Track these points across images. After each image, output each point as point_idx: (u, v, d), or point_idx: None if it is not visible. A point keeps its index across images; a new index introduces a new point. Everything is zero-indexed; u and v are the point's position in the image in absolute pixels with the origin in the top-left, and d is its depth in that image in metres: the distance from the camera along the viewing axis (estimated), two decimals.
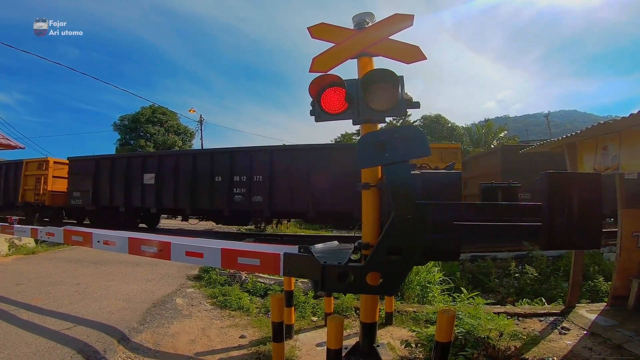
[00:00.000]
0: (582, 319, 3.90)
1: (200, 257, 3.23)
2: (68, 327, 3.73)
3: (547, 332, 3.67)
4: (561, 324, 3.84)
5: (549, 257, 8.70)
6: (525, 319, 4.07)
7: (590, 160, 3.86)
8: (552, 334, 3.61)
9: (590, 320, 3.80)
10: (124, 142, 29.73)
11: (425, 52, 2.73)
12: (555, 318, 4.02)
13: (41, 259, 8.08)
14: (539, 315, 4.11)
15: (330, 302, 3.98)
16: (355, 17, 3.04)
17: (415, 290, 5.20)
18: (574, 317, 3.98)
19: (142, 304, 4.60)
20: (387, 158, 2.32)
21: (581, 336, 3.53)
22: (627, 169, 3.32)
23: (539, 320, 3.99)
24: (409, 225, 2.29)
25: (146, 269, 6.75)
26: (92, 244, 4.14)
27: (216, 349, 3.40)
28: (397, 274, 2.40)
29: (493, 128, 29.13)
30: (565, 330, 3.67)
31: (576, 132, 3.77)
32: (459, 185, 2.60)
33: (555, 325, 3.82)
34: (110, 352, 3.22)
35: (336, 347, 2.23)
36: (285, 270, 2.79)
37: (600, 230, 2.41)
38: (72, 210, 14.90)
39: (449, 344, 2.16)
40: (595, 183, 2.58)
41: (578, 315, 4.00)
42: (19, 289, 5.31)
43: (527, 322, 3.96)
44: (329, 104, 2.46)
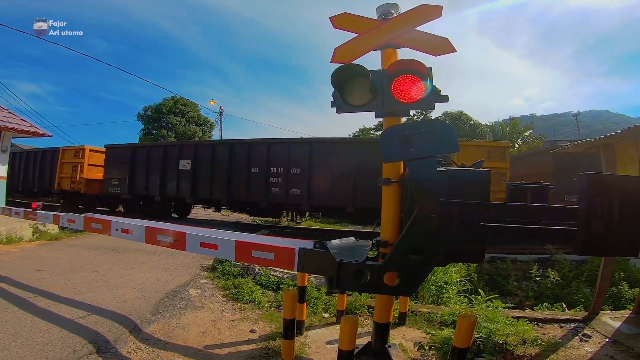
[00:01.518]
0: (605, 326, 3.69)
1: (215, 249, 3.18)
2: (82, 316, 3.77)
3: (567, 338, 3.50)
4: (582, 330, 3.65)
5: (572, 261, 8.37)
6: (545, 324, 3.88)
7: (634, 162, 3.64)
8: (573, 340, 3.45)
9: (614, 328, 3.59)
10: (147, 132, 30.37)
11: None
12: (576, 325, 3.83)
13: (64, 245, 8.30)
14: (559, 321, 3.93)
15: (343, 300, 3.90)
16: (380, 8, 2.91)
17: (431, 290, 5.06)
18: (597, 324, 3.78)
19: (156, 294, 4.63)
20: (412, 153, 2.20)
21: (603, 344, 3.35)
22: None
23: (560, 327, 3.80)
24: (432, 224, 2.17)
25: (162, 257, 6.83)
26: (111, 232, 4.16)
27: (226, 343, 3.38)
28: (417, 274, 2.29)
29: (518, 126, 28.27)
30: (586, 338, 3.49)
31: (616, 132, 3.54)
32: (487, 184, 2.46)
33: (576, 332, 3.64)
34: (121, 343, 3.23)
35: (349, 349, 2.15)
36: (300, 265, 2.71)
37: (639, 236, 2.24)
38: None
39: (466, 350, 2.05)
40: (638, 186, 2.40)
41: (601, 323, 3.79)
42: (39, 275, 5.43)
43: (547, 327, 3.78)
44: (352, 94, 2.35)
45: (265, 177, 11.07)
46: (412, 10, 2.72)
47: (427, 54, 2.67)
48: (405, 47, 2.78)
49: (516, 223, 2.21)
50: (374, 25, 2.84)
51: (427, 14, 2.67)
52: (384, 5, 2.90)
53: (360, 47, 2.84)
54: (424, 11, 2.68)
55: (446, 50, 2.60)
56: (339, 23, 2.95)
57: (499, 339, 3.04)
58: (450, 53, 2.60)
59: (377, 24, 2.84)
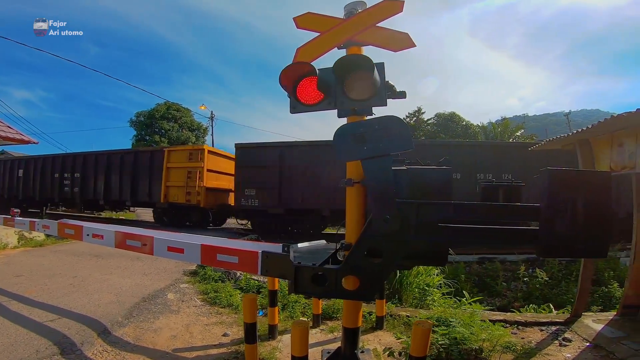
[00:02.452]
0: (587, 329, 3.59)
1: (181, 253, 3.13)
2: (52, 319, 3.70)
3: (546, 343, 3.39)
4: (563, 334, 3.54)
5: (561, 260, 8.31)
6: (525, 327, 3.78)
7: (606, 158, 3.55)
8: (552, 345, 3.33)
9: (596, 331, 3.49)
10: (140, 138, 30.29)
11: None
12: (558, 328, 3.72)
13: (47, 251, 8.22)
14: (540, 324, 3.82)
15: (318, 304, 3.82)
16: (347, 6, 2.85)
17: (414, 293, 4.98)
18: (579, 327, 3.68)
19: (132, 298, 4.55)
20: (365, 152, 2.12)
21: (583, 349, 3.24)
22: None
23: (540, 330, 3.69)
24: (388, 226, 2.09)
25: (146, 263, 6.74)
26: (83, 237, 4.10)
27: (195, 346, 3.31)
28: (376, 278, 2.20)
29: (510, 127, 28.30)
30: (566, 342, 3.38)
31: (587, 127, 3.46)
32: (449, 183, 2.38)
33: (556, 335, 3.53)
34: (87, 345, 3.17)
35: (301, 355, 2.07)
36: (263, 269, 2.64)
37: (608, 236, 2.16)
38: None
39: (423, 359, 1.96)
40: (604, 183, 2.31)
41: (583, 325, 3.70)
42: (17, 280, 5.35)
43: (527, 331, 3.68)
44: (304, 94, 2.28)
45: None
46: (374, 7, 2.66)
47: (387, 50, 2.61)
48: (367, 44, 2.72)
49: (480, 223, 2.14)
50: (336, 24, 2.79)
51: (388, 10, 2.60)
52: (351, 4, 2.84)
53: (321, 46, 2.77)
54: (385, 7, 2.61)
55: (406, 45, 2.53)
56: (302, 23, 2.89)
57: (474, 345, 2.95)
58: (410, 48, 2.54)
59: (339, 21, 2.78)
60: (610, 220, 2.08)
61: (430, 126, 33.13)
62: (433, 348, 2.87)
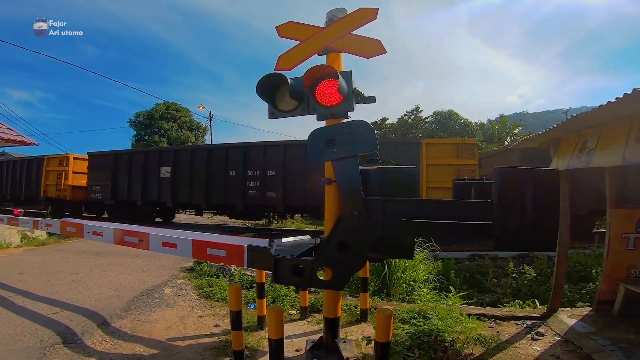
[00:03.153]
0: (561, 324, 3.72)
1: (175, 248, 3.31)
2: (55, 312, 3.93)
3: (519, 336, 3.52)
4: (537, 328, 3.67)
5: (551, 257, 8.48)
6: (502, 321, 3.92)
7: (566, 158, 3.72)
8: (524, 339, 3.47)
9: (568, 326, 3.62)
10: (139, 138, 30.44)
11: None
12: (533, 322, 3.86)
13: (50, 250, 8.46)
14: (517, 319, 3.95)
15: (305, 296, 4.02)
16: (329, 13, 3.04)
17: (402, 288, 5.17)
18: (553, 322, 3.82)
19: (131, 293, 4.78)
20: (335, 153, 2.33)
21: (553, 343, 3.37)
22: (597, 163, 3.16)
23: (516, 324, 3.83)
24: (355, 221, 2.29)
25: (145, 260, 6.97)
26: (84, 235, 4.31)
27: (188, 336, 3.53)
28: (346, 269, 2.41)
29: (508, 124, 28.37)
30: (539, 336, 3.51)
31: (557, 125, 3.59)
32: (415, 181, 2.58)
33: (530, 330, 3.66)
34: (87, 335, 3.39)
35: (277, 337, 2.28)
36: (249, 262, 2.83)
37: (555, 231, 2.33)
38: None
39: (387, 344, 2.15)
40: (552, 180, 2.50)
41: (557, 320, 3.83)
42: (22, 277, 5.59)
43: (504, 325, 3.83)
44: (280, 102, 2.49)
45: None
46: (350, 15, 2.84)
47: (360, 56, 2.81)
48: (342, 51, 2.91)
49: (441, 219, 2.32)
50: (314, 32, 2.98)
51: (363, 18, 2.77)
52: (332, 11, 3.03)
53: (300, 54, 2.96)
54: (360, 15, 2.79)
55: (377, 51, 2.72)
56: (283, 32, 3.09)
57: (448, 337, 3.10)
58: (381, 54, 2.73)
59: (317, 30, 2.97)
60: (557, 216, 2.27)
61: (429, 124, 33.25)
62: (407, 338, 3.05)
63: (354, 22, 2.83)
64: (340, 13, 2.99)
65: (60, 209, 15.56)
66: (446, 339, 2.98)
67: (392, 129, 34.25)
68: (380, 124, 34.71)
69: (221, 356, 3.08)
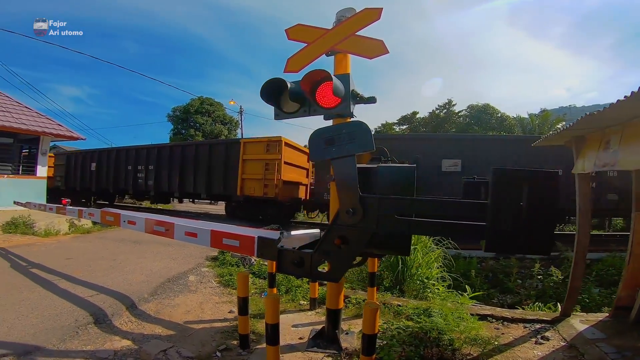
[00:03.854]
0: (570, 329, 3.59)
1: (195, 237, 3.56)
2: (92, 295, 4.37)
3: (523, 340, 3.44)
4: (544, 332, 3.56)
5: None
6: (510, 323, 3.84)
7: (591, 159, 3.57)
8: (528, 342, 3.38)
9: (577, 332, 3.49)
10: (177, 132, 32.05)
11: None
12: (542, 326, 3.75)
13: (94, 237, 9.24)
14: (526, 322, 3.85)
15: (314, 288, 4.19)
16: (338, 13, 3.15)
17: (416, 284, 5.20)
18: (563, 326, 3.69)
19: (159, 279, 5.18)
20: (333, 152, 2.44)
21: (556, 348, 3.26)
22: (624, 166, 3.03)
23: (524, 327, 3.73)
24: (352, 217, 2.41)
25: (175, 248, 7.45)
26: (121, 224, 4.73)
27: (204, 320, 3.82)
28: (343, 262, 2.53)
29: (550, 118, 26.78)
30: (543, 340, 3.41)
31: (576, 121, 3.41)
32: (412, 180, 2.64)
33: (537, 333, 3.56)
34: (116, 316, 3.77)
35: (272, 322, 2.46)
36: (259, 252, 3.01)
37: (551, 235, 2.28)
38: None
39: (374, 336, 2.26)
40: (551, 182, 2.45)
41: (568, 325, 3.70)
42: (67, 263, 6.18)
43: (511, 327, 3.75)
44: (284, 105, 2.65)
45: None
46: (355, 15, 2.94)
47: (363, 57, 2.90)
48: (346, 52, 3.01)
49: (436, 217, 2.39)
50: (321, 34, 3.10)
51: (367, 18, 2.86)
52: (341, 11, 3.13)
53: (307, 56, 3.10)
54: (363, 16, 2.88)
55: (380, 52, 2.79)
56: (292, 35, 3.23)
57: (447, 335, 3.12)
58: (383, 54, 2.80)
59: (324, 32, 3.09)
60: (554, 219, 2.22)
61: (462, 118, 32.11)
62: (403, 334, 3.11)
63: (358, 22, 2.92)
64: (349, 13, 3.08)
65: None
66: (444, 338, 3.00)
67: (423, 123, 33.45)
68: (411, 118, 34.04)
69: (229, 339, 3.32)
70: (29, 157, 11.50)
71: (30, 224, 9.30)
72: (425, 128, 32.18)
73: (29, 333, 3.20)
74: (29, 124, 10.82)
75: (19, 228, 9.04)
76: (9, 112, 10.67)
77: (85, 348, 3.05)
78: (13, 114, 10.78)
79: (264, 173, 11.32)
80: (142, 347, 3.08)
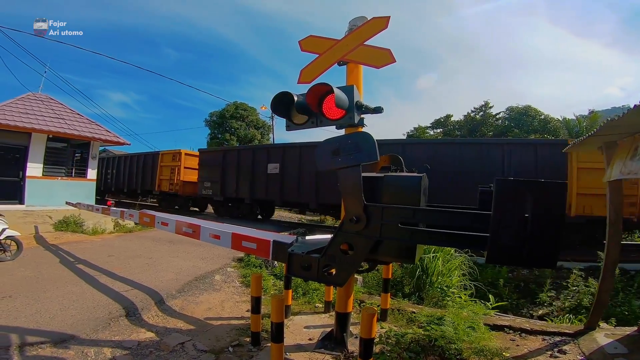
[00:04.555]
0: (592, 343, 3.39)
1: (218, 239, 3.78)
2: (126, 290, 4.76)
3: (538, 353, 3.29)
4: (563, 346, 3.39)
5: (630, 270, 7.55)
6: (529, 335, 3.68)
7: (620, 165, 3.38)
8: (542, 356, 3.24)
9: (599, 346, 3.29)
10: (213, 137, 33.37)
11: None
12: (562, 339, 3.55)
13: (134, 236, 9.94)
14: (546, 334, 3.67)
15: (329, 291, 4.29)
16: (350, 22, 3.26)
17: (436, 293, 5.15)
18: (585, 340, 3.48)
19: (187, 277, 5.52)
20: (339, 162, 2.55)
21: None
22: None
23: (543, 339, 3.57)
24: (356, 224, 2.50)
25: (205, 249, 7.84)
26: (155, 225, 5.11)
27: (223, 317, 4.06)
28: (348, 267, 2.62)
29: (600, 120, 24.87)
30: (559, 354, 3.24)
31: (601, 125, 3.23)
32: (417, 189, 2.67)
33: (554, 346, 3.39)
34: (145, 310, 4.10)
35: (277, 321, 2.60)
36: (274, 255, 3.19)
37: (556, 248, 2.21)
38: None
39: (371, 341, 2.32)
40: (558, 194, 2.37)
41: (590, 339, 3.49)
42: (109, 259, 6.74)
43: (529, 339, 3.59)
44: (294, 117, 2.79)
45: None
46: (362, 25, 3.02)
47: (371, 66, 2.98)
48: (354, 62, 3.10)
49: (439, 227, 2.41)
50: (331, 45, 3.22)
51: (374, 28, 2.93)
52: (353, 20, 3.23)
53: (319, 67, 3.23)
54: (371, 25, 2.95)
55: (387, 61, 2.85)
56: (305, 46, 3.38)
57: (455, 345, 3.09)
58: (391, 64, 2.87)
59: (334, 42, 3.20)
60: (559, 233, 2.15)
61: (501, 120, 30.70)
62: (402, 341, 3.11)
63: (366, 32, 3.00)
64: (360, 22, 3.17)
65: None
66: (451, 347, 2.98)
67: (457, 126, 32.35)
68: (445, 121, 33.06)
69: (243, 336, 3.51)
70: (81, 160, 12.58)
71: (80, 223, 10.18)
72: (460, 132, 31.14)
73: (67, 323, 3.58)
74: (80, 130, 11.87)
75: (69, 226, 9.93)
76: (63, 119, 11.76)
77: (113, 338, 3.37)
78: (67, 120, 11.88)
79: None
80: (163, 340, 3.35)
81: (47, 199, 10.87)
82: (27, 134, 10.70)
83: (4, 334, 3.24)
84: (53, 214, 10.21)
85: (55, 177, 11.44)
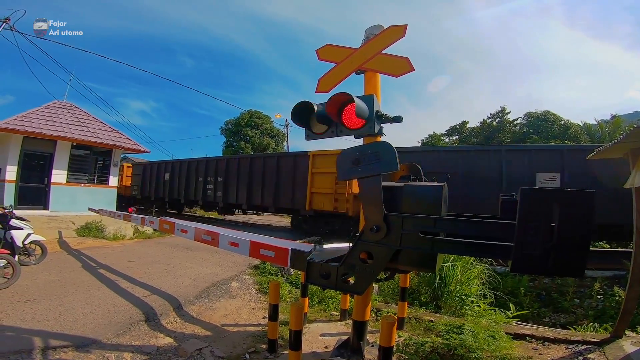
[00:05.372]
0: (618, 351, 3.27)
1: (237, 247, 3.81)
2: (146, 295, 4.86)
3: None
4: (587, 354, 3.28)
5: None
6: (552, 344, 3.57)
7: None
8: None
9: (624, 354, 3.18)
10: (229, 145, 33.84)
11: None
12: (587, 347, 3.44)
13: (153, 242, 10.14)
14: (570, 342, 3.56)
15: (345, 299, 4.27)
16: (367, 31, 3.29)
17: (454, 302, 5.07)
18: (611, 348, 3.36)
19: (204, 283, 5.60)
20: (360, 172, 2.56)
21: None
22: None
23: (566, 348, 3.46)
24: (376, 234, 2.50)
25: (222, 256, 7.94)
26: (175, 232, 5.22)
27: (239, 324, 4.10)
28: (367, 276, 2.61)
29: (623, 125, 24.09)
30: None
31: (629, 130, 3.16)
32: (438, 198, 2.65)
33: (578, 355, 3.29)
34: (164, 316, 4.17)
35: (296, 329, 2.61)
36: (291, 263, 3.20)
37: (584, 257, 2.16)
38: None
39: (390, 349, 2.30)
40: (586, 202, 2.32)
41: (616, 347, 3.36)
42: (129, 265, 6.90)
43: (552, 348, 3.48)
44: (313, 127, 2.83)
45: None
46: (380, 34, 3.03)
47: (389, 75, 2.98)
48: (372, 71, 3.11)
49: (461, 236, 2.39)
50: (349, 54, 3.24)
51: (392, 36, 2.93)
52: (369, 28, 3.25)
53: (337, 76, 3.24)
54: (389, 34, 2.95)
55: (405, 70, 2.83)
56: (322, 55, 3.40)
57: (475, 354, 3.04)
58: (409, 72, 2.86)
59: (351, 51, 3.22)
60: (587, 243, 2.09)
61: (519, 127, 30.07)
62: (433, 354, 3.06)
63: (384, 40, 3.00)
64: (377, 30, 3.19)
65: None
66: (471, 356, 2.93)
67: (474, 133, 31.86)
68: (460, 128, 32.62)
69: (259, 343, 3.54)
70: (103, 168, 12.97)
71: (102, 229, 10.46)
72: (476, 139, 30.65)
73: (89, 327, 3.67)
74: (103, 138, 12.25)
75: (91, 232, 10.22)
76: (86, 127, 12.17)
77: (134, 343, 3.44)
78: (90, 128, 12.29)
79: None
80: (181, 345, 3.40)
81: (70, 205, 11.21)
82: (53, 142, 11.10)
83: (28, 337, 3.36)
84: (76, 220, 10.52)
85: (79, 184, 11.81)
